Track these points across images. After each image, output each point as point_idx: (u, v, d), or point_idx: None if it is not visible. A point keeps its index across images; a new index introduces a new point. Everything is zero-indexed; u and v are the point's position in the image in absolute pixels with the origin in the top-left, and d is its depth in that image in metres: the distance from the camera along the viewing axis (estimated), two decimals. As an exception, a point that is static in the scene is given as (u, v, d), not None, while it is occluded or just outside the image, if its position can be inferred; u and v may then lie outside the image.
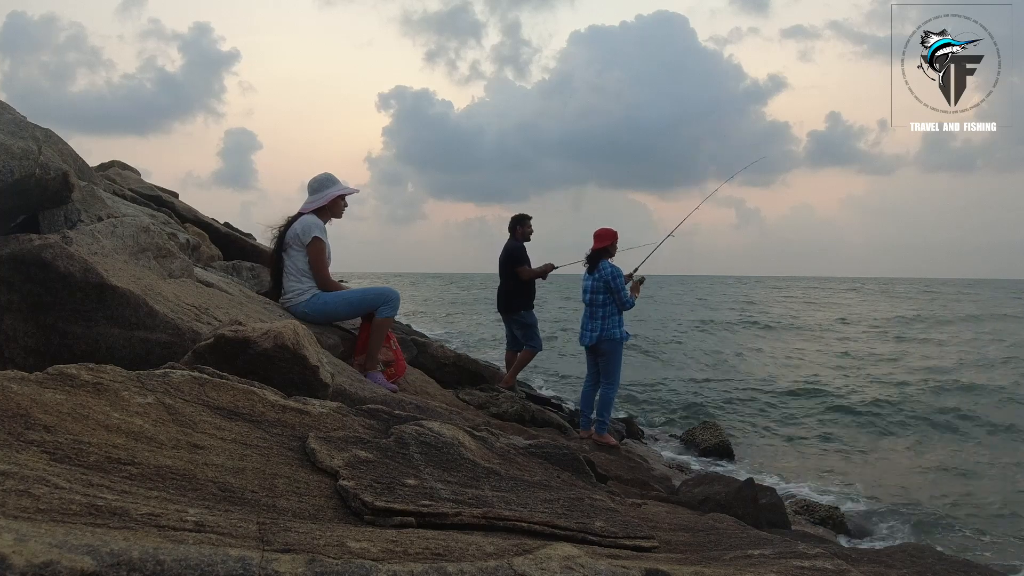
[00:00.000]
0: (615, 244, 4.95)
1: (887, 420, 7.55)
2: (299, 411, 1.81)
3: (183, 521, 0.99)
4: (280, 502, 1.26)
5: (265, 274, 5.10)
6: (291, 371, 2.18)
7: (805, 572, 1.32)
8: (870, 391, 9.19)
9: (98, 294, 2.40)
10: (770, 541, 1.71)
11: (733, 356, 13.52)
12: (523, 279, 5.90)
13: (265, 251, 5.19)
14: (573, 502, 1.63)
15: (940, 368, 11.50)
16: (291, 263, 3.63)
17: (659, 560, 1.32)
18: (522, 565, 1.04)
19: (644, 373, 10.80)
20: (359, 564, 0.92)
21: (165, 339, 2.46)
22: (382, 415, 2.05)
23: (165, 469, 1.23)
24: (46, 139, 2.92)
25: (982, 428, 7.18)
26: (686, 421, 7.27)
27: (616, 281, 4.80)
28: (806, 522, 4.21)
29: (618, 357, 4.91)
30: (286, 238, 3.65)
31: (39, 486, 0.97)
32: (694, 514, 2.37)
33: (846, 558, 1.64)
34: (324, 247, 3.62)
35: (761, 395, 8.97)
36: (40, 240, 2.41)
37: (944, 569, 1.74)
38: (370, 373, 3.40)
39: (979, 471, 5.72)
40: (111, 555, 0.76)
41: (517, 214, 6.12)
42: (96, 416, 1.36)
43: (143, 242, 3.13)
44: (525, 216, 6.11)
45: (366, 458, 1.57)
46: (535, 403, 5.43)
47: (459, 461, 1.73)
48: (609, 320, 4.84)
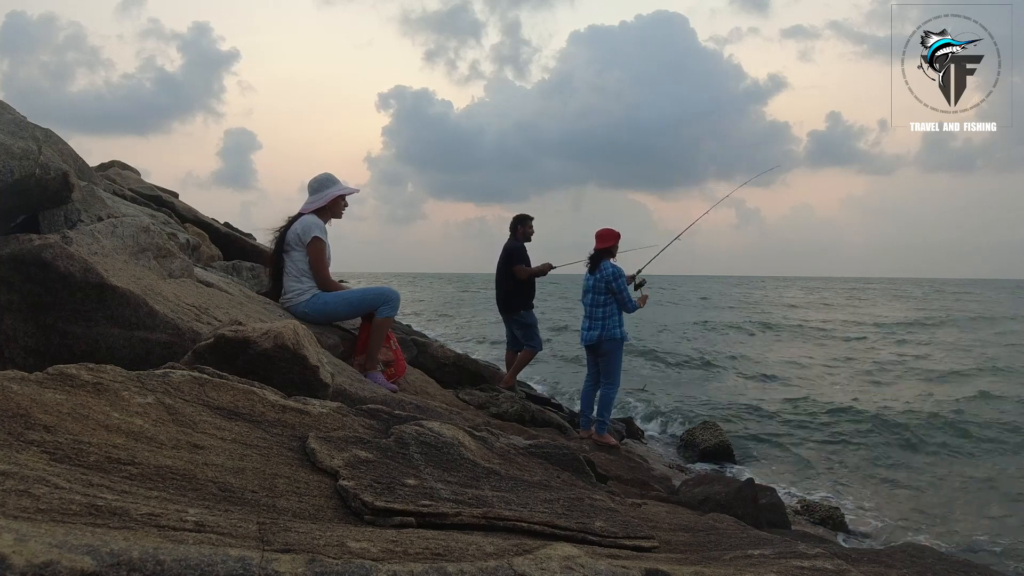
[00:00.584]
0: (617, 245, 4.97)
1: (915, 434, 6.91)
2: (299, 411, 1.81)
3: (183, 521, 0.98)
4: (280, 502, 1.26)
5: (265, 274, 5.10)
6: (291, 371, 2.18)
7: (805, 572, 1.32)
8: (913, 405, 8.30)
9: (98, 294, 2.40)
10: (770, 541, 1.71)
11: (784, 365, 12.15)
12: (520, 278, 5.90)
13: (265, 251, 5.19)
14: (573, 502, 1.63)
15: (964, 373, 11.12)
16: (291, 263, 3.63)
17: (659, 560, 1.32)
18: (522, 565, 1.04)
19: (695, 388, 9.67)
20: (359, 564, 0.92)
21: (165, 339, 2.46)
22: (382, 415, 2.05)
23: (165, 469, 1.23)
24: (46, 139, 2.92)
25: (991, 431, 7.09)
26: (687, 421, 7.28)
27: (618, 282, 4.81)
28: (806, 522, 4.21)
29: (618, 357, 4.93)
30: (286, 238, 3.65)
31: (39, 486, 0.97)
32: (694, 514, 2.37)
33: (846, 558, 1.64)
34: (324, 247, 3.62)
35: (807, 419, 7.73)
36: (40, 240, 2.41)
37: (944, 569, 1.74)
38: (370, 373, 3.40)
39: (980, 472, 5.72)
40: (111, 555, 0.76)
41: (519, 214, 6.13)
42: (96, 416, 1.36)
43: (143, 242, 3.13)
44: (527, 216, 6.12)
45: (366, 458, 1.57)
46: (535, 403, 5.43)
47: (459, 461, 1.73)
48: (610, 320, 4.85)
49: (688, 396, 9.01)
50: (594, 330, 4.90)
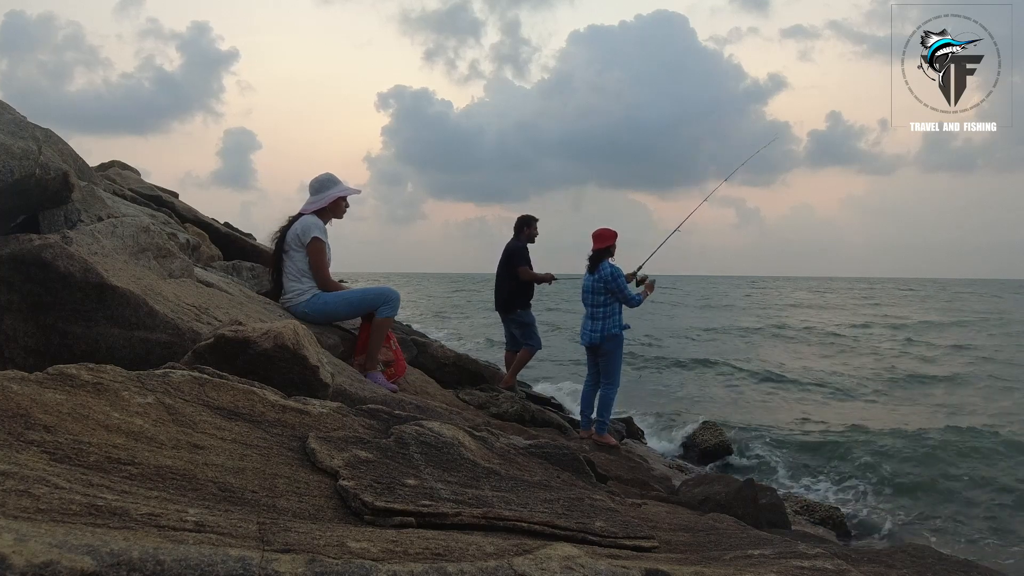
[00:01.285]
0: (615, 244, 4.96)
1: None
2: (299, 411, 1.81)
3: (183, 521, 0.98)
4: (280, 502, 1.26)
5: (265, 274, 5.10)
6: (291, 371, 2.18)
7: (805, 572, 1.32)
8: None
9: (98, 294, 2.40)
10: (770, 541, 1.71)
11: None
12: (522, 279, 5.90)
13: (265, 251, 5.19)
14: (573, 502, 1.63)
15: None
16: (291, 264, 3.63)
17: (659, 560, 1.32)
18: (522, 565, 1.04)
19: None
20: (359, 564, 0.92)
21: (165, 339, 2.46)
22: (382, 415, 2.05)
23: (165, 469, 1.23)
24: (46, 139, 2.92)
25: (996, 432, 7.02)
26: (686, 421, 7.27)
27: (616, 281, 4.81)
28: (806, 522, 4.21)
29: (618, 356, 4.93)
30: (286, 239, 3.65)
31: (39, 486, 0.97)
32: (694, 514, 2.37)
33: (846, 558, 1.64)
34: (324, 247, 3.62)
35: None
36: (40, 240, 2.41)
37: (944, 569, 1.74)
38: (370, 373, 3.40)
39: (982, 474, 5.71)
40: (111, 555, 0.76)
41: (525, 215, 6.12)
42: (96, 416, 1.36)
43: (143, 242, 3.13)
44: (532, 218, 6.12)
45: (366, 458, 1.57)
46: (535, 403, 5.43)
47: (459, 461, 1.73)
48: (610, 320, 4.85)
49: (688, 396, 9.01)
50: (595, 331, 4.90)
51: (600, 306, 4.87)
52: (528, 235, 6.06)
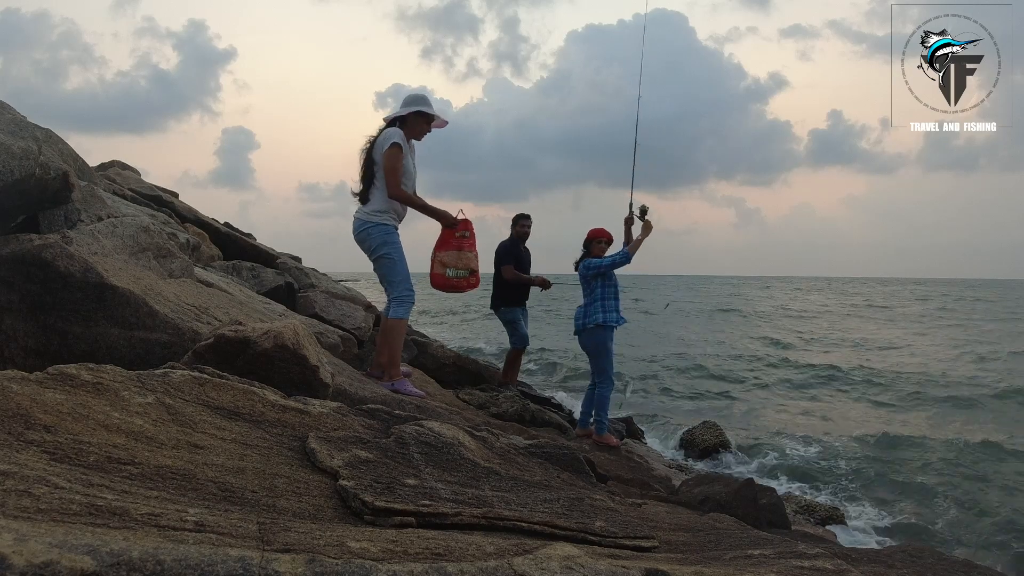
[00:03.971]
0: (597, 241, 4.90)
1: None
2: (299, 411, 1.81)
3: (183, 521, 0.98)
4: (280, 502, 1.26)
5: (266, 274, 5.09)
6: (291, 371, 2.18)
7: (805, 572, 1.32)
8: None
9: (98, 294, 2.40)
10: (770, 541, 1.71)
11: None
12: (505, 278, 5.87)
13: (265, 251, 5.17)
14: (573, 502, 1.63)
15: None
16: (379, 177, 3.57)
17: (659, 560, 1.32)
18: (522, 565, 1.04)
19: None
20: (359, 564, 0.92)
21: (165, 339, 2.46)
22: (382, 415, 2.05)
23: (165, 469, 1.23)
24: (46, 139, 2.92)
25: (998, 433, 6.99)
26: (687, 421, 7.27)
27: (589, 271, 4.78)
28: (806, 522, 4.21)
29: (605, 352, 4.81)
30: (374, 149, 3.58)
31: (39, 486, 0.97)
32: (694, 514, 2.37)
33: (846, 558, 1.64)
34: (399, 154, 3.54)
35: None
36: (40, 240, 2.41)
37: (944, 569, 1.74)
38: (397, 382, 3.37)
39: (982, 473, 5.71)
40: (111, 555, 0.76)
41: (517, 213, 6.15)
42: (96, 416, 1.36)
43: (143, 242, 3.13)
44: (522, 215, 6.14)
45: (366, 458, 1.57)
46: (535, 403, 5.42)
47: (459, 461, 1.73)
48: (592, 307, 4.79)
49: (688, 396, 9.01)
50: (577, 319, 4.89)
51: (587, 295, 4.86)
52: (517, 232, 6.06)
